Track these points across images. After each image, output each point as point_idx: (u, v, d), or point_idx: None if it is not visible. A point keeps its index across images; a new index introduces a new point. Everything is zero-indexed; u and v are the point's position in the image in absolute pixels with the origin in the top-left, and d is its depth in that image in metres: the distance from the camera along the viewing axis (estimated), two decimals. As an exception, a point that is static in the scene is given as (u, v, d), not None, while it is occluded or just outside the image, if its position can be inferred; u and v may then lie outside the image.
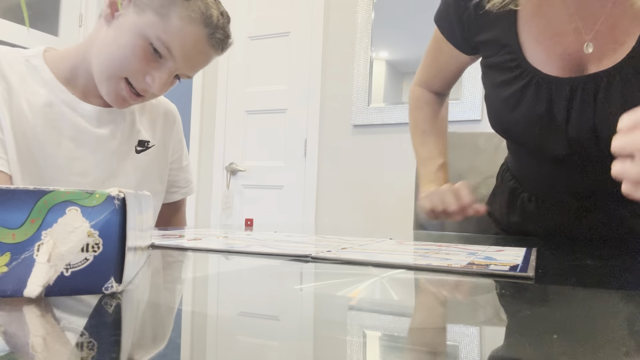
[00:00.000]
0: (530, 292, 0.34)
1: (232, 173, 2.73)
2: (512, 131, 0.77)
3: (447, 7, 0.83)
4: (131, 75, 0.80)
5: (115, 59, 0.79)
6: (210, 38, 0.81)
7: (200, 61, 0.84)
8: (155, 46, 0.78)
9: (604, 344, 0.22)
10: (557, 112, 0.69)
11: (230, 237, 0.66)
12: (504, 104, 0.75)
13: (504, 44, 0.74)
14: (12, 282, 0.26)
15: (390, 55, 2.42)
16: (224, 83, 2.77)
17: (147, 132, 0.95)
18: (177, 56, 0.80)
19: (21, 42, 2.72)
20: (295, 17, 2.61)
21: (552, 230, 0.87)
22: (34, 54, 0.84)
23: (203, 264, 0.46)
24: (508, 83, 0.74)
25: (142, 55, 0.78)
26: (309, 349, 0.21)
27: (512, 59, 0.73)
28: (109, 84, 0.81)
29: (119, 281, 0.28)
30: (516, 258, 0.49)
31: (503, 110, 0.76)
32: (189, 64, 0.82)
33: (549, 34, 0.70)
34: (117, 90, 0.81)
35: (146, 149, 0.94)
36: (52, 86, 0.82)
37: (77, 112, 0.84)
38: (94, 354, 0.18)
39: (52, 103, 0.82)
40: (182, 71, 0.83)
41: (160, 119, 0.99)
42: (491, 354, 0.21)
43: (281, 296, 0.31)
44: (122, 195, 0.28)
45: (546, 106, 0.70)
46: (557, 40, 0.70)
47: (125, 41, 0.78)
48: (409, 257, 0.48)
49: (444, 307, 0.28)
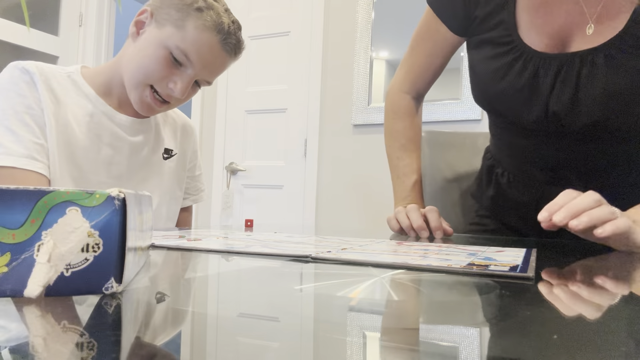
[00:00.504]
0: (530, 292, 0.34)
1: (232, 173, 2.73)
2: (495, 102, 0.81)
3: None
4: (155, 82, 0.89)
5: (141, 68, 0.89)
6: (224, 43, 0.90)
7: (217, 66, 0.92)
8: (174, 55, 0.87)
9: (604, 344, 0.22)
10: (542, 84, 0.74)
11: (230, 238, 0.66)
12: (492, 74, 0.79)
13: (500, 20, 0.78)
14: (12, 282, 0.26)
15: (390, 55, 2.42)
16: (224, 83, 2.77)
17: (170, 142, 1.06)
18: (195, 62, 0.88)
19: (21, 42, 2.72)
20: (295, 17, 2.61)
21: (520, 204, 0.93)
22: (73, 71, 0.94)
23: (203, 264, 0.46)
24: (499, 56, 0.78)
25: (164, 64, 0.88)
26: (309, 349, 0.21)
27: (506, 34, 0.77)
28: (136, 91, 0.90)
29: (119, 281, 0.28)
30: (516, 259, 0.49)
31: (490, 81, 0.79)
32: (207, 69, 0.91)
33: (545, 13, 0.74)
34: (143, 97, 0.91)
35: (171, 157, 1.06)
36: (92, 99, 0.93)
37: (114, 121, 0.94)
38: (94, 354, 0.18)
39: (92, 114, 0.92)
40: (201, 77, 0.92)
41: (179, 131, 1.10)
42: (491, 354, 0.21)
43: (281, 296, 0.31)
44: (122, 196, 0.28)
45: (533, 78, 0.75)
46: (553, 19, 0.74)
47: (149, 52, 0.88)
48: (409, 257, 0.48)
49: (443, 308, 0.28)
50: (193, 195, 1.17)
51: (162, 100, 0.91)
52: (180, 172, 1.09)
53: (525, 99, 0.76)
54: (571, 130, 0.75)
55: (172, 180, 1.06)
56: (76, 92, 0.91)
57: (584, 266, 0.54)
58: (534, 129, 0.79)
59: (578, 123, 0.73)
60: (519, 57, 0.76)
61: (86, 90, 0.92)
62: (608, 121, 0.71)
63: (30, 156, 0.82)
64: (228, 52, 0.91)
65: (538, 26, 0.75)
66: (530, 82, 0.75)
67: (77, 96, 0.91)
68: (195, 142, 1.16)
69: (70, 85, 0.91)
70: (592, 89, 0.71)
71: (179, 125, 1.11)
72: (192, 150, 1.14)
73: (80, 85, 0.92)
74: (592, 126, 0.73)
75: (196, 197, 1.17)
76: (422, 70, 0.96)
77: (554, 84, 0.73)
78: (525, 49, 0.75)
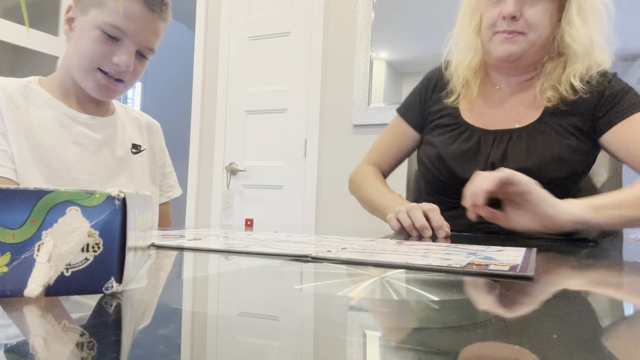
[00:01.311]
0: (530, 292, 0.34)
1: (232, 173, 2.73)
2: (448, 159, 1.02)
3: (414, 97, 1.17)
4: (100, 63, 0.92)
5: (83, 56, 0.92)
6: (146, 4, 0.92)
7: (149, 28, 0.94)
8: (107, 31, 0.90)
9: (604, 344, 0.22)
10: (483, 148, 1.00)
11: (230, 237, 0.66)
12: (446, 141, 1.04)
13: (447, 113, 1.08)
14: (12, 282, 0.26)
15: (390, 55, 2.42)
16: (224, 83, 2.77)
17: (136, 138, 1.09)
18: (128, 31, 0.91)
19: (21, 43, 2.72)
20: (295, 17, 2.61)
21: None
22: (30, 81, 0.98)
23: (203, 264, 0.46)
24: (449, 131, 1.05)
25: (101, 42, 0.91)
26: (309, 349, 0.21)
27: (454, 120, 1.06)
28: (87, 79, 0.94)
29: (119, 281, 0.28)
30: (516, 258, 0.49)
31: (444, 144, 1.04)
32: (141, 34, 0.93)
33: (481, 114, 1.05)
34: (97, 81, 0.94)
35: (139, 152, 1.09)
36: (51, 103, 0.96)
37: (76, 121, 0.97)
38: (94, 354, 0.18)
39: (55, 116, 0.95)
40: (140, 43, 0.94)
41: (144, 128, 1.14)
42: (491, 354, 0.21)
43: (281, 296, 0.31)
44: (122, 196, 0.28)
45: (477, 144, 1.01)
46: (489, 119, 1.03)
47: (85, 39, 0.91)
48: (409, 257, 0.48)
49: (443, 307, 0.28)
50: (166, 192, 1.20)
51: (115, 79, 0.94)
52: (153, 167, 1.13)
53: (472, 156, 1.00)
54: None
55: (145, 174, 1.09)
56: (36, 98, 0.95)
57: (584, 266, 0.54)
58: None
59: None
60: (464, 131, 1.03)
61: (45, 96, 0.96)
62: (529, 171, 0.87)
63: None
64: (153, 10, 0.93)
65: (476, 119, 1.04)
66: (476, 146, 1.01)
67: (37, 102, 0.94)
68: (162, 140, 1.19)
69: (30, 93, 0.94)
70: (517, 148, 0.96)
71: (142, 123, 1.14)
72: (160, 148, 1.17)
73: (39, 93, 0.96)
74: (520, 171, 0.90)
75: (169, 193, 1.20)
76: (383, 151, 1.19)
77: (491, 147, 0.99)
78: (469, 126, 1.04)
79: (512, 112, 1.02)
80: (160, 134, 1.19)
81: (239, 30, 2.75)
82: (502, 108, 1.04)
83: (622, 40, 2.33)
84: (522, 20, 0.94)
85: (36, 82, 0.97)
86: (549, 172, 0.93)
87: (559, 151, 0.94)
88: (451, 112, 1.07)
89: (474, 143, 1.01)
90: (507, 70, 1.04)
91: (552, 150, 0.94)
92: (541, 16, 0.94)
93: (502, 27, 0.96)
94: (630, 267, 0.54)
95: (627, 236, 1.97)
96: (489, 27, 0.99)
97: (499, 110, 1.04)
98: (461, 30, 1.08)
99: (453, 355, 0.20)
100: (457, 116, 1.06)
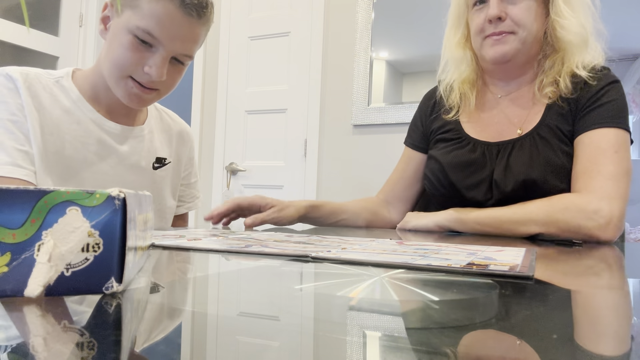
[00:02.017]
0: (530, 292, 0.34)
1: (232, 173, 2.73)
2: (451, 172, 1.02)
3: (415, 123, 1.18)
4: (132, 71, 0.86)
5: (114, 62, 0.86)
6: (182, 7, 0.83)
7: (185, 34, 0.86)
8: (139, 36, 0.83)
9: (604, 344, 0.22)
10: (486, 161, 0.99)
11: (230, 237, 0.66)
12: (450, 155, 1.04)
13: (450, 128, 1.08)
14: (12, 282, 0.26)
15: (390, 55, 2.42)
16: (224, 83, 2.77)
17: (164, 150, 1.03)
18: (161, 38, 0.84)
19: (21, 43, 2.72)
20: (295, 17, 2.61)
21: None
22: (63, 75, 0.92)
23: (203, 264, 0.46)
24: (453, 144, 1.05)
25: (133, 49, 0.84)
26: (309, 349, 0.21)
27: (456, 134, 1.06)
28: (119, 86, 0.88)
29: (119, 281, 0.28)
30: (516, 258, 0.49)
31: (446, 157, 1.04)
32: (176, 41, 0.85)
33: (482, 126, 1.04)
34: (128, 89, 0.87)
35: (163, 166, 1.03)
36: (80, 105, 0.91)
37: (102, 129, 0.92)
38: (94, 354, 0.18)
39: (80, 121, 0.90)
40: (175, 51, 0.86)
41: (175, 137, 1.08)
42: (491, 354, 0.21)
43: (281, 296, 0.31)
44: (122, 195, 0.28)
45: (481, 157, 1.00)
46: (490, 129, 1.03)
47: (117, 43, 0.85)
48: (408, 257, 0.48)
49: (443, 308, 0.28)
50: (187, 203, 1.15)
51: (148, 88, 0.88)
52: (174, 181, 1.07)
53: (475, 169, 1.00)
54: (505, 190, 0.95)
55: (163, 190, 1.04)
56: (64, 98, 0.89)
57: (584, 265, 0.54)
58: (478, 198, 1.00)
59: (510, 185, 0.94)
60: (467, 143, 1.03)
61: (74, 96, 0.90)
62: (532, 184, 0.92)
63: (14, 163, 0.80)
64: (190, 14, 0.85)
65: (478, 132, 1.04)
66: (480, 158, 1.00)
67: (64, 103, 0.89)
68: (192, 149, 1.14)
69: (58, 91, 0.89)
70: (520, 159, 0.95)
71: (174, 131, 1.08)
72: (188, 158, 1.12)
73: (69, 91, 0.90)
74: (521, 185, 0.93)
75: (190, 204, 1.16)
76: (394, 181, 1.19)
77: (495, 160, 0.98)
78: (472, 140, 1.03)
79: (515, 119, 1.01)
80: (192, 144, 1.13)
81: (239, 30, 2.75)
82: (503, 117, 1.03)
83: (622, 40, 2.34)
84: (508, 20, 0.94)
85: (69, 78, 0.91)
86: (553, 182, 0.92)
87: (561, 159, 0.92)
88: (453, 127, 1.07)
89: (478, 155, 1.00)
90: (504, 73, 1.03)
91: (554, 158, 0.93)
92: (526, 12, 0.94)
93: (490, 31, 0.96)
94: (631, 267, 0.54)
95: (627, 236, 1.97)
96: (477, 33, 0.99)
97: (500, 120, 1.03)
98: (448, 46, 1.09)
99: (453, 355, 0.20)
100: (459, 130, 1.06)
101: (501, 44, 0.96)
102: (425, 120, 1.15)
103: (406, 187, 1.18)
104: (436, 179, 1.05)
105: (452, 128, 1.07)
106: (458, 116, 1.07)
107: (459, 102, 1.08)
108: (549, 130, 0.96)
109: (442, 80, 1.11)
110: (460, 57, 1.07)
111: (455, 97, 1.07)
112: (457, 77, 1.07)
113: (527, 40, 0.96)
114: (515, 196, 0.93)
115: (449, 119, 1.08)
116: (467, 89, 1.06)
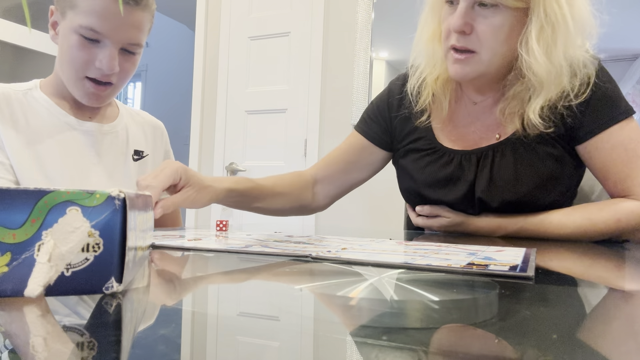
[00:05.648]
0: (530, 292, 0.34)
1: (232, 173, 2.73)
2: (424, 189, 0.94)
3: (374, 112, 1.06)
4: (86, 70, 0.88)
5: (68, 63, 0.88)
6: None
7: (127, 23, 0.87)
8: (84, 34, 0.85)
9: (604, 344, 0.22)
10: (464, 173, 0.91)
11: (231, 237, 0.66)
12: (423, 168, 0.95)
13: (420, 137, 0.97)
14: (12, 282, 0.26)
15: (390, 55, 2.42)
16: (224, 83, 2.77)
17: (140, 143, 1.06)
18: (105, 31, 0.85)
19: (22, 43, 2.72)
20: (295, 17, 2.61)
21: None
22: (31, 87, 0.95)
23: (203, 264, 0.46)
24: (426, 156, 0.95)
25: (81, 48, 0.86)
26: (309, 349, 0.21)
27: (428, 144, 0.95)
28: (77, 87, 0.90)
29: (119, 281, 0.28)
30: (516, 258, 0.49)
31: (420, 172, 0.95)
32: (120, 31, 0.86)
33: (457, 134, 0.95)
34: (86, 90, 0.90)
35: (141, 158, 1.05)
36: (52, 111, 0.93)
37: (78, 130, 0.95)
38: (94, 354, 0.18)
39: (55, 125, 0.92)
40: (122, 41, 0.87)
41: (149, 131, 1.10)
42: (491, 354, 0.21)
43: (281, 296, 0.31)
44: (122, 196, 0.28)
45: (459, 169, 0.91)
46: (466, 135, 0.94)
47: (66, 45, 0.87)
48: (408, 257, 0.48)
49: (443, 308, 0.28)
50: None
51: (103, 82, 0.89)
52: None
53: (453, 183, 0.91)
54: (490, 207, 0.89)
55: None
56: (37, 107, 0.92)
57: (584, 265, 0.54)
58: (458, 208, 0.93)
59: (496, 202, 0.88)
60: (442, 155, 0.93)
61: (45, 103, 0.93)
62: (519, 203, 0.87)
63: None
64: (127, 2, 0.85)
65: (453, 140, 0.94)
66: (457, 171, 0.91)
67: (39, 111, 0.91)
68: (167, 142, 1.14)
69: (30, 101, 0.92)
70: (505, 173, 0.87)
71: (147, 125, 1.09)
72: (165, 150, 1.13)
73: (40, 100, 0.93)
74: (508, 204, 0.87)
75: None
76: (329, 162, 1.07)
77: (476, 172, 0.90)
78: (446, 150, 0.93)
79: (492, 124, 0.91)
80: (166, 136, 1.15)
81: (239, 30, 2.75)
82: (479, 123, 0.93)
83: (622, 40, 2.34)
84: (473, 35, 0.81)
85: (37, 88, 0.94)
86: (543, 200, 0.86)
87: (549, 167, 0.85)
88: (425, 135, 0.96)
89: (454, 168, 0.91)
90: (474, 87, 0.93)
91: (541, 168, 0.85)
92: (496, 31, 0.80)
93: (452, 42, 0.84)
94: (631, 267, 0.54)
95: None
96: (444, 39, 0.87)
97: (476, 126, 0.93)
98: (420, 36, 0.96)
99: (453, 355, 0.20)
100: (431, 139, 0.95)
101: (462, 64, 0.84)
102: (388, 116, 1.02)
103: (342, 171, 1.06)
104: (416, 197, 0.97)
105: (423, 136, 0.96)
106: (429, 122, 0.96)
107: (431, 105, 0.96)
108: (530, 135, 0.86)
109: (412, 74, 0.98)
110: (429, 53, 0.94)
111: (427, 98, 0.95)
112: (429, 72, 0.94)
113: (492, 62, 0.83)
114: (504, 211, 0.88)
115: (419, 124, 0.96)
116: (439, 90, 0.94)
